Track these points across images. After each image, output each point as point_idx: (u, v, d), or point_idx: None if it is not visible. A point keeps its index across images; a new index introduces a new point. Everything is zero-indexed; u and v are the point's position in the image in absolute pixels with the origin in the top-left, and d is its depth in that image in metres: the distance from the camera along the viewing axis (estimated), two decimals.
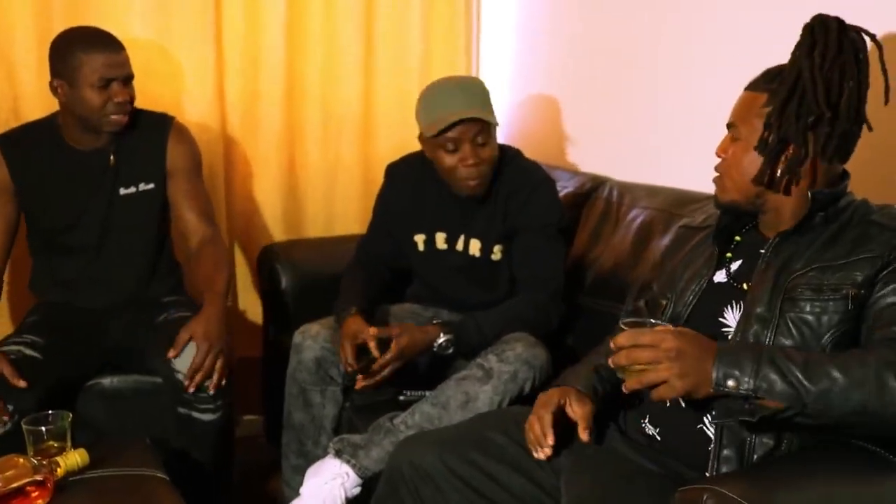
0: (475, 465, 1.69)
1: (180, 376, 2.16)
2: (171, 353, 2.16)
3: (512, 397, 2.04)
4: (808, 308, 1.49)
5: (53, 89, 2.27)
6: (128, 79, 2.29)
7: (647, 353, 1.40)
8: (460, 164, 2.20)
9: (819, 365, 1.36)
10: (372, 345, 2.12)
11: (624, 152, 2.71)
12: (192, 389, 2.15)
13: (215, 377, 2.16)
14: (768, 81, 1.58)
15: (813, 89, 1.49)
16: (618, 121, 2.73)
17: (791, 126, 1.51)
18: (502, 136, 2.38)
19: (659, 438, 1.62)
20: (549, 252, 2.29)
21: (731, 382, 1.37)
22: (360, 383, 2.15)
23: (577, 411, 1.66)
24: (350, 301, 2.27)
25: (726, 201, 1.64)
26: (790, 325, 1.49)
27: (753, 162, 1.57)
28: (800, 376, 1.35)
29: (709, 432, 1.53)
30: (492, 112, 2.24)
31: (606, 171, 2.70)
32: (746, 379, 1.37)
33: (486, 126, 2.19)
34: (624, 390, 1.44)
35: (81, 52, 2.21)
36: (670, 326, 1.48)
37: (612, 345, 1.45)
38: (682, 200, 2.31)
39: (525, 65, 3.18)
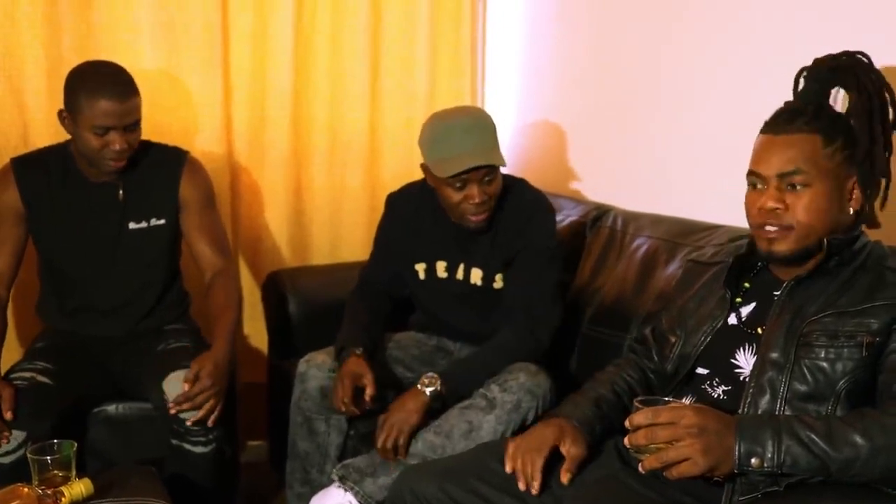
0: (476, 494, 1.69)
1: (171, 405, 2.15)
2: (185, 387, 2.14)
3: (515, 426, 2.04)
4: (822, 354, 1.49)
5: (62, 119, 2.27)
6: (129, 126, 2.24)
7: (667, 431, 1.38)
8: (466, 201, 2.20)
9: (842, 432, 1.36)
10: (369, 391, 2.14)
11: (628, 181, 2.72)
12: (173, 412, 2.14)
13: (201, 413, 2.15)
14: (811, 122, 1.55)
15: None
16: (622, 149, 2.74)
17: (884, 163, 1.55)
18: (507, 164, 2.39)
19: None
20: (535, 277, 2.27)
21: (754, 461, 1.36)
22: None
23: (570, 451, 1.67)
24: (353, 338, 2.27)
25: (797, 249, 1.56)
26: (805, 370, 1.49)
27: (831, 201, 1.54)
28: (824, 446, 1.35)
29: None
30: (499, 149, 2.25)
31: (611, 200, 2.72)
32: (769, 455, 1.36)
33: (494, 166, 2.21)
34: (641, 470, 1.43)
35: (84, 95, 2.19)
36: (685, 402, 1.47)
37: (627, 424, 1.43)
38: (686, 230, 2.31)
39: (530, 94, 3.19)
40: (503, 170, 2.30)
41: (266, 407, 2.92)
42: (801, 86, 1.67)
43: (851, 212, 1.57)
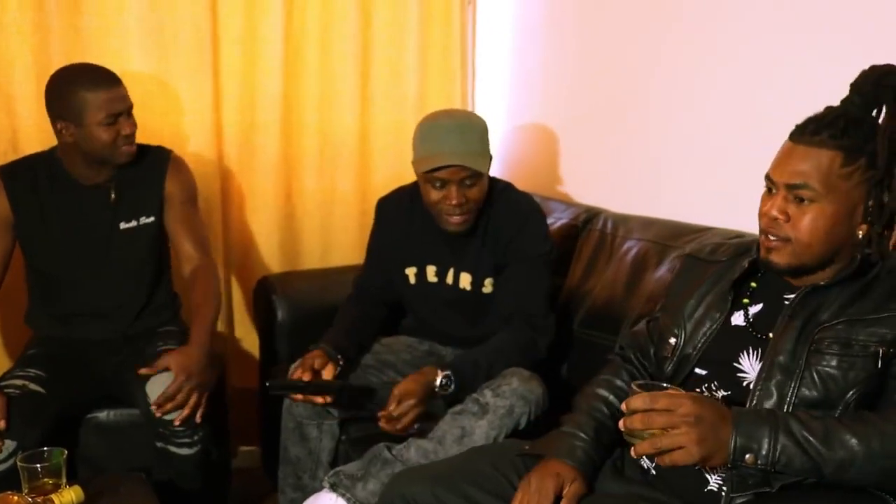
0: (468, 499, 1.67)
1: (153, 407, 2.15)
2: (142, 370, 2.16)
3: (507, 432, 2.04)
4: (834, 363, 1.46)
5: (58, 132, 2.28)
6: (131, 110, 2.33)
7: (664, 418, 1.37)
8: (444, 201, 2.23)
9: (839, 434, 1.35)
10: (306, 376, 2.17)
11: (618, 184, 2.72)
12: (158, 415, 2.14)
13: (186, 411, 2.15)
14: (836, 137, 1.47)
15: None
16: (612, 152, 2.74)
17: None
18: (497, 167, 2.40)
19: (654, 473, 1.62)
20: (533, 283, 2.29)
21: (748, 457, 1.36)
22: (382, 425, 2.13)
23: (567, 492, 1.63)
24: (327, 339, 2.31)
25: (794, 264, 1.53)
26: (815, 377, 1.47)
27: (838, 224, 1.49)
28: (819, 448, 1.35)
29: (707, 475, 1.53)
30: (485, 156, 2.26)
31: (601, 203, 2.72)
32: (764, 453, 1.35)
33: (477, 172, 2.22)
34: (633, 454, 1.41)
35: (84, 90, 2.23)
36: (682, 391, 1.45)
37: (623, 407, 1.42)
38: (676, 232, 2.32)
39: (520, 96, 3.20)
40: (491, 172, 2.32)
41: (258, 412, 2.92)
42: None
43: (860, 235, 1.51)
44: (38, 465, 1.75)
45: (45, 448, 1.79)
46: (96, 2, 2.68)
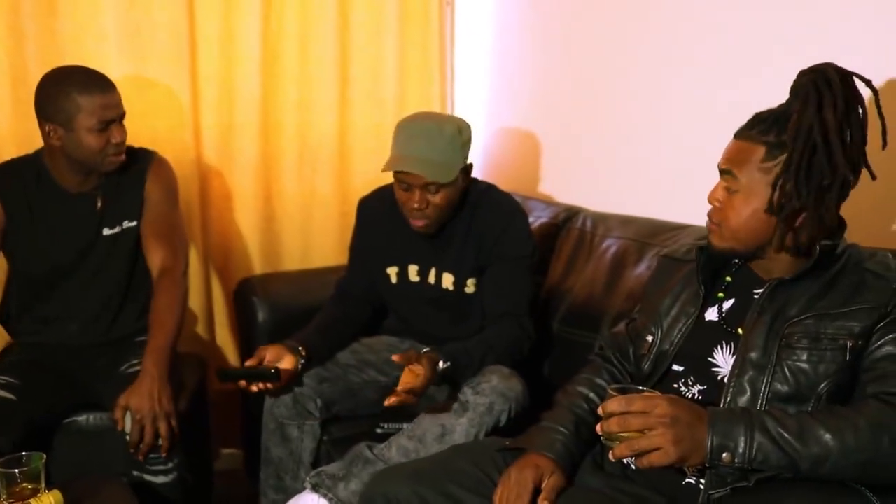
0: (450, 497, 1.68)
1: (127, 437, 2.12)
2: (118, 427, 2.12)
3: (488, 429, 2.04)
4: (804, 357, 1.50)
5: (46, 135, 2.23)
6: (123, 117, 2.27)
7: (640, 420, 1.39)
8: (407, 202, 2.24)
9: (813, 430, 1.37)
10: (250, 362, 2.21)
11: (598, 183, 2.73)
12: (142, 459, 2.11)
13: (164, 443, 2.11)
14: (764, 132, 1.55)
15: (828, 152, 1.47)
16: (592, 152, 2.76)
17: (809, 192, 1.49)
18: (477, 168, 2.40)
19: (633, 467, 1.63)
20: (518, 283, 2.30)
21: (725, 456, 1.38)
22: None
23: (547, 484, 1.65)
24: (297, 333, 2.32)
25: (725, 248, 1.61)
26: (787, 372, 1.50)
27: (756, 215, 1.55)
28: (795, 444, 1.37)
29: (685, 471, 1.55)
30: (452, 164, 2.22)
31: (580, 202, 2.73)
32: (741, 451, 1.37)
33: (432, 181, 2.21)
34: (611, 458, 1.43)
35: (78, 95, 2.17)
36: (658, 393, 1.47)
37: (600, 411, 1.44)
38: (654, 230, 2.33)
39: (500, 96, 3.21)
40: (475, 173, 2.34)
41: (239, 414, 2.91)
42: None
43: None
44: (17, 470, 1.72)
45: (24, 453, 1.77)
46: (72, 4, 2.67)
